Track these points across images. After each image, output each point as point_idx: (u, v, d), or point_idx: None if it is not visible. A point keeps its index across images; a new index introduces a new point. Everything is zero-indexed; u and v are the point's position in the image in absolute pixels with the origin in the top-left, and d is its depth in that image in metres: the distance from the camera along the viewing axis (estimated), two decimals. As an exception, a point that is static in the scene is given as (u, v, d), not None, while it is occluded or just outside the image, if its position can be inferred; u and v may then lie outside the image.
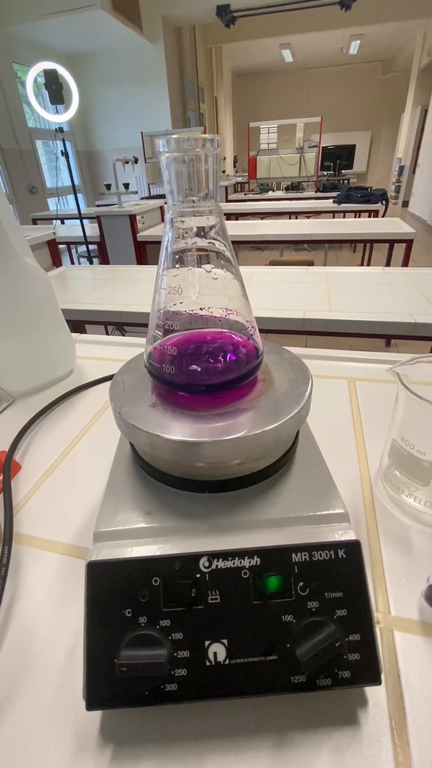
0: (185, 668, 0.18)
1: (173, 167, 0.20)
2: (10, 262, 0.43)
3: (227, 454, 0.21)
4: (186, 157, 0.19)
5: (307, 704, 0.20)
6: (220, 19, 4.72)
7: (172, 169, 0.20)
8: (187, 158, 0.19)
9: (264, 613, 0.19)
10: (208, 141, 0.19)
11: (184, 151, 0.19)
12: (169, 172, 0.20)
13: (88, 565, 0.20)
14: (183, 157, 0.19)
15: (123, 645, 0.18)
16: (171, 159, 0.19)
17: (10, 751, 0.19)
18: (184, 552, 0.20)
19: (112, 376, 0.51)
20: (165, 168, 0.20)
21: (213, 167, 0.20)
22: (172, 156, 0.19)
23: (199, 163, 0.19)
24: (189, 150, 0.19)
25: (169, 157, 0.19)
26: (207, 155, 0.19)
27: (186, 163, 0.19)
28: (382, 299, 1.13)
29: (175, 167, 0.20)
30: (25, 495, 0.34)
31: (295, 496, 0.23)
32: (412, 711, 0.20)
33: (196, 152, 0.19)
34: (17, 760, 0.19)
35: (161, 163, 0.20)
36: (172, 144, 0.19)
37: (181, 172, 0.20)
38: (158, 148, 0.19)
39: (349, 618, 0.19)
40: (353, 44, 6.89)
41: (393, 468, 0.31)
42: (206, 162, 0.20)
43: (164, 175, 0.20)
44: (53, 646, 0.23)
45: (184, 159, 0.19)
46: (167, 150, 0.19)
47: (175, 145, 0.19)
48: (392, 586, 0.25)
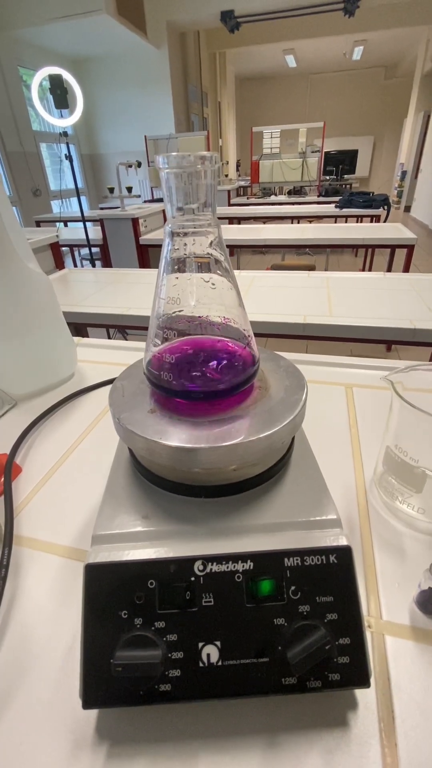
0: (179, 669, 0.19)
1: (173, 182, 0.20)
2: (12, 267, 0.43)
3: (223, 461, 0.22)
4: (185, 173, 0.20)
5: (298, 706, 0.20)
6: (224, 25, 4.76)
7: (172, 184, 0.20)
8: (186, 174, 0.20)
9: (256, 616, 0.20)
10: (207, 158, 0.20)
11: (184, 168, 0.20)
12: (169, 186, 0.20)
13: (86, 567, 0.20)
14: (182, 173, 0.20)
15: (119, 645, 0.19)
16: (171, 174, 0.20)
17: (7, 749, 0.20)
18: (180, 555, 0.20)
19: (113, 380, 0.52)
20: (165, 183, 0.20)
21: (211, 182, 0.21)
22: (172, 172, 0.20)
23: (198, 178, 0.20)
24: (188, 166, 0.20)
25: (169, 172, 0.20)
26: (205, 171, 0.20)
27: (185, 179, 0.20)
28: (382, 305, 1.13)
29: (174, 182, 0.20)
30: (25, 497, 0.35)
31: (289, 501, 0.23)
32: (401, 714, 0.20)
33: (195, 168, 0.20)
34: (14, 758, 0.19)
35: (161, 178, 0.20)
36: (172, 160, 0.19)
37: (180, 186, 0.20)
38: (158, 164, 0.20)
39: (340, 622, 0.19)
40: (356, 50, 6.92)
41: (387, 475, 0.31)
42: (205, 177, 0.20)
43: (164, 189, 0.21)
44: (51, 647, 0.24)
45: (183, 175, 0.20)
46: (167, 166, 0.20)
47: (175, 162, 0.19)
48: (384, 591, 0.26)
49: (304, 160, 4.91)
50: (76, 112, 2.15)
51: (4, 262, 0.42)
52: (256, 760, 0.19)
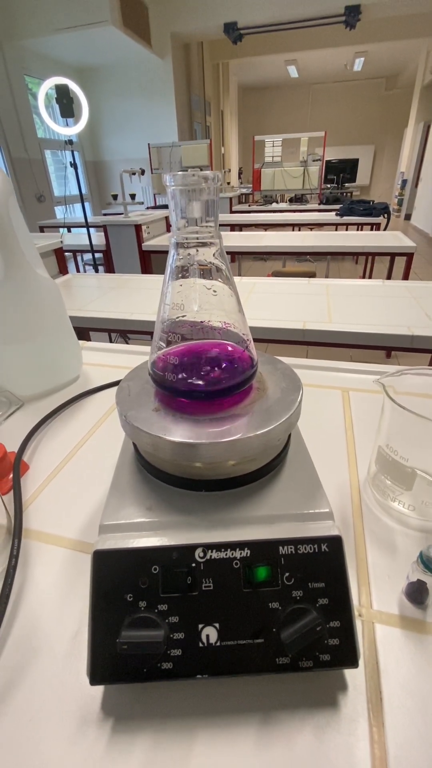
0: (180, 648, 0.20)
1: (178, 198, 0.22)
2: (23, 274, 0.45)
3: (222, 456, 0.23)
4: (190, 190, 0.22)
5: (291, 686, 0.22)
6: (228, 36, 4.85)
7: (178, 200, 0.22)
8: (191, 191, 0.22)
9: (253, 600, 0.21)
10: (210, 177, 0.21)
11: (188, 185, 0.21)
12: (174, 202, 0.22)
13: (94, 553, 0.22)
14: (187, 190, 0.22)
15: (124, 626, 0.20)
16: (177, 191, 0.22)
17: (19, 725, 0.21)
18: (181, 543, 0.22)
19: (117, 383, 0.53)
20: (171, 198, 0.22)
21: (213, 198, 0.22)
22: (178, 189, 0.22)
23: (201, 195, 0.22)
24: (192, 184, 0.21)
25: (175, 189, 0.22)
26: (208, 188, 0.22)
27: (190, 195, 0.22)
28: (381, 312, 1.15)
29: (180, 198, 0.22)
30: (32, 493, 0.36)
31: (285, 495, 0.25)
32: (389, 695, 0.21)
33: (199, 186, 0.21)
34: (25, 733, 0.21)
35: (168, 194, 0.22)
36: (178, 179, 0.21)
37: (185, 202, 0.22)
38: (165, 182, 0.21)
39: (330, 606, 0.21)
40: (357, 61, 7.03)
41: (380, 474, 0.33)
42: (207, 194, 0.22)
43: (170, 204, 0.22)
44: (59, 631, 0.25)
45: (188, 191, 0.22)
46: (173, 183, 0.21)
47: (180, 180, 0.21)
48: (375, 583, 0.27)
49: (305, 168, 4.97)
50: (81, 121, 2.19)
51: (15, 269, 0.44)
52: (251, 736, 0.20)
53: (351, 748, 0.20)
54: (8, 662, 0.23)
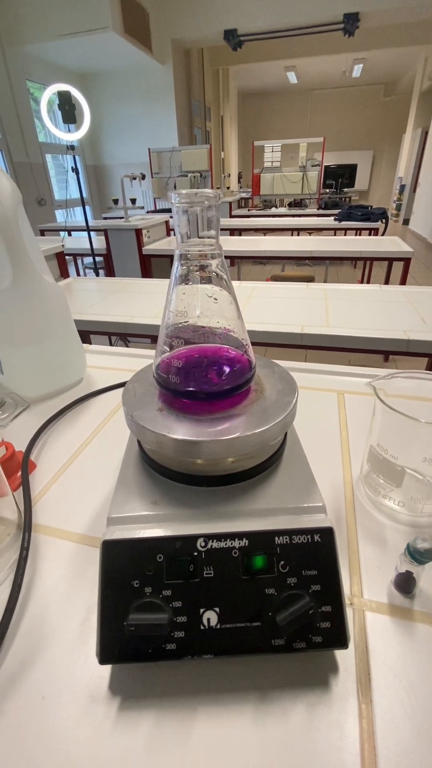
0: (183, 631, 0.22)
1: (183, 214, 0.24)
2: (31, 280, 0.47)
3: (222, 453, 0.25)
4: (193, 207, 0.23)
5: (287, 668, 0.23)
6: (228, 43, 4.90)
7: (182, 216, 0.24)
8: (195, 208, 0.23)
9: (250, 587, 0.23)
10: (212, 196, 0.23)
11: (193, 203, 0.23)
12: (179, 217, 0.24)
13: (103, 543, 0.23)
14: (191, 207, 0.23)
15: (131, 610, 0.22)
16: (182, 208, 0.23)
17: (32, 701, 0.22)
18: (184, 533, 0.23)
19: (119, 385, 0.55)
20: (176, 214, 0.24)
21: (215, 214, 0.24)
22: (183, 206, 0.23)
23: (204, 211, 0.24)
24: (196, 202, 0.23)
25: (180, 206, 0.23)
26: (211, 206, 0.24)
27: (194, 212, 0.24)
28: (378, 316, 1.17)
29: (184, 214, 0.24)
30: (40, 491, 0.38)
31: (281, 490, 0.27)
32: (377, 676, 0.23)
33: (202, 204, 0.23)
34: (38, 710, 0.22)
35: (173, 211, 0.24)
36: (183, 197, 0.23)
37: (189, 218, 0.24)
38: (171, 199, 0.23)
39: (322, 592, 0.23)
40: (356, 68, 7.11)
41: (372, 472, 0.34)
42: (210, 210, 0.24)
43: (175, 220, 0.24)
44: (67, 618, 0.27)
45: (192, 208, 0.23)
46: (179, 201, 0.23)
47: (185, 198, 0.23)
48: (366, 574, 0.29)
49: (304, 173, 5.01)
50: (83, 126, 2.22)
51: (23, 275, 0.46)
52: (248, 713, 0.22)
53: (341, 723, 0.21)
54: (21, 645, 0.25)
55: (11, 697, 0.23)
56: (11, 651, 0.25)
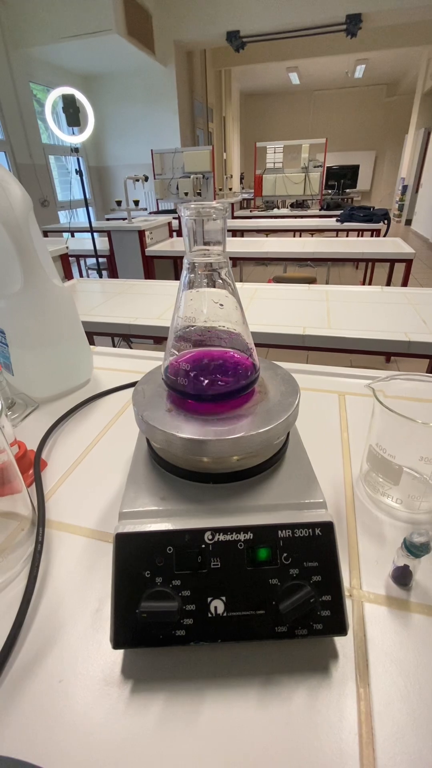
0: (192, 618, 0.23)
1: (191, 225, 0.25)
2: (41, 284, 0.49)
3: (228, 451, 0.26)
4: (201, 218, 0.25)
5: (289, 654, 0.25)
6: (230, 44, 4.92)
7: (191, 227, 0.25)
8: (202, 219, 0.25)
9: (255, 577, 0.24)
10: (219, 208, 0.25)
11: (200, 215, 0.25)
12: (188, 228, 0.25)
13: (116, 536, 0.25)
14: (200, 219, 0.25)
15: (143, 598, 0.23)
16: (190, 220, 0.25)
17: (50, 684, 0.24)
18: (192, 527, 0.25)
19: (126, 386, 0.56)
20: (185, 226, 0.25)
21: (222, 226, 0.26)
22: (192, 218, 0.25)
23: (212, 223, 0.25)
24: (204, 214, 0.25)
25: (189, 218, 0.25)
26: (218, 217, 0.25)
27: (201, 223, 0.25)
28: (379, 317, 1.18)
29: (193, 225, 0.25)
30: (51, 488, 0.39)
31: (283, 487, 0.28)
32: (374, 662, 0.24)
33: (210, 216, 0.25)
34: (56, 691, 0.24)
35: (181, 222, 0.25)
36: (191, 209, 0.24)
37: (197, 228, 0.25)
38: (180, 212, 0.25)
39: (323, 582, 0.24)
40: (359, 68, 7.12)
41: (371, 471, 0.36)
42: (217, 221, 0.25)
43: (184, 231, 0.26)
44: (81, 608, 0.28)
45: (199, 220, 0.25)
46: (188, 214, 0.25)
47: (193, 210, 0.24)
48: (365, 567, 0.30)
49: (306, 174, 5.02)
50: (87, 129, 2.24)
51: (33, 280, 0.47)
52: (253, 695, 0.23)
53: (341, 705, 0.22)
54: (38, 633, 0.26)
55: (30, 680, 0.24)
56: (29, 638, 0.26)
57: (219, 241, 0.26)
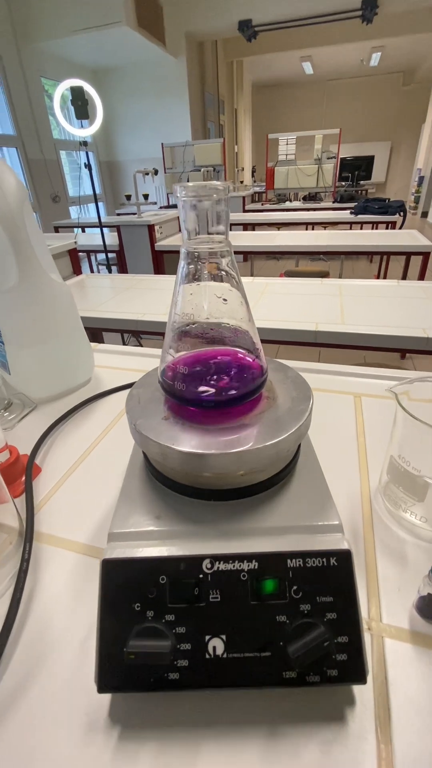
0: (187, 659, 0.20)
1: (190, 209, 0.22)
2: (37, 279, 0.46)
3: (231, 467, 0.23)
4: (201, 201, 0.22)
5: (298, 700, 0.22)
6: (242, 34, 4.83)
7: (189, 211, 0.22)
8: (202, 202, 0.22)
9: (260, 613, 0.21)
10: (221, 188, 0.21)
11: (200, 197, 0.21)
12: (186, 213, 0.22)
13: (103, 562, 0.22)
14: (199, 202, 0.22)
15: (132, 635, 0.20)
16: (188, 203, 0.22)
17: (27, 729, 0.21)
18: (189, 554, 0.22)
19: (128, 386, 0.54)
20: (182, 209, 0.22)
21: (224, 209, 0.22)
22: (189, 201, 0.22)
23: (213, 205, 0.22)
24: (204, 196, 0.21)
25: (187, 201, 0.22)
26: (220, 200, 0.22)
27: (201, 207, 0.22)
28: (395, 313, 1.13)
29: (191, 209, 0.22)
30: (44, 496, 0.37)
31: (294, 506, 0.25)
32: (397, 712, 0.21)
33: (210, 198, 0.21)
34: (34, 736, 0.21)
35: (179, 206, 0.22)
36: (189, 190, 0.21)
37: (196, 214, 0.22)
38: (176, 193, 0.21)
39: (338, 621, 0.21)
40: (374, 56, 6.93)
41: (391, 484, 0.32)
42: (219, 205, 0.22)
43: (181, 215, 0.22)
44: (68, 637, 0.25)
45: (200, 203, 0.22)
46: (185, 195, 0.21)
47: (192, 192, 0.21)
48: (385, 595, 0.27)
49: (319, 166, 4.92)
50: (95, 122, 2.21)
51: (29, 274, 0.45)
52: (256, 750, 0.20)
53: (358, 766, 0.19)
54: (18, 665, 0.24)
55: (5, 722, 0.21)
56: (8, 670, 0.24)
57: (221, 226, 0.23)
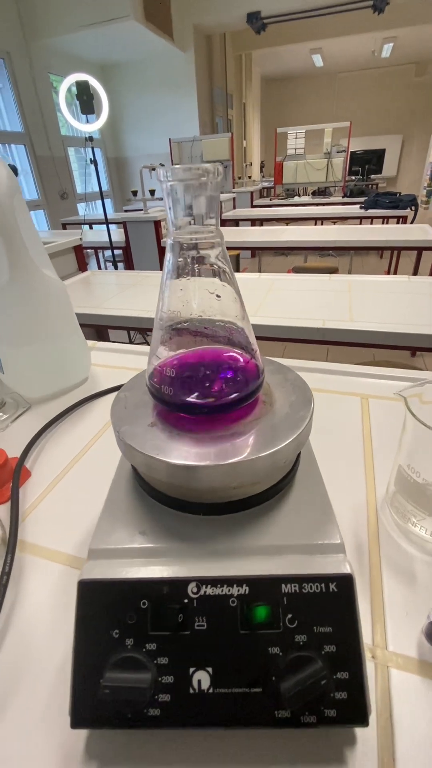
0: (169, 694, 0.18)
1: (175, 195, 0.20)
2: (29, 274, 0.44)
3: (222, 479, 0.21)
4: (188, 185, 0.19)
5: (293, 740, 0.20)
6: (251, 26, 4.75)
7: (175, 197, 0.20)
8: (189, 186, 0.19)
9: (250, 644, 0.19)
10: (210, 171, 0.19)
11: (186, 180, 0.19)
12: (171, 199, 0.20)
13: (79, 583, 0.20)
14: (185, 186, 0.19)
15: (108, 666, 0.18)
16: (174, 187, 0.19)
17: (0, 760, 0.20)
18: (174, 576, 0.20)
19: (124, 386, 0.52)
20: (167, 195, 0.20)
21: (214, 194, 0.20)
22: (175, 184, 0.19)
23: (201, 190, 0.20)
24: (191, 179, 0.19)
25: (172, 185, 0.19)
26: (209, 183, 0.20)
27: (188, 192, 0.20)
28: (406, 309, 1.10)
29: (177, 195, 0.20)
30: (33, 502, 0.35)
31: (291, 522, 0.23)
32: (402, 756, 0.19)
33: (198, 181, 0.19)
34: (5, 771, 0.19)
35: (163, 190, 0.20)
36: (175, 173, 0.19)
37: (182, 199, 0.20)
38: (160, 176, 0.19)
39: (338, 655, 0.19)
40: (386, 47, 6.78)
41: (399, 495, 0.30)
42: (208, 190, 0.20)
43: (166, 202, 0.20)
44: (47, 658, 0.24)
45: (186, 187, 0.19)
46: (169, 179, 0.19)
47: (178, 174, 0.19)
48: (391, 619, 0.25)
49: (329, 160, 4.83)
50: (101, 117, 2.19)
51: (21, 270, 0.43)
52: (246, 794, 0.18)
53: None
54: (-7, 690, 0.22)
55: (-25, 756, 0.20)
56: (-18, 696, 0.22)
57: (211, 214, 0.20)
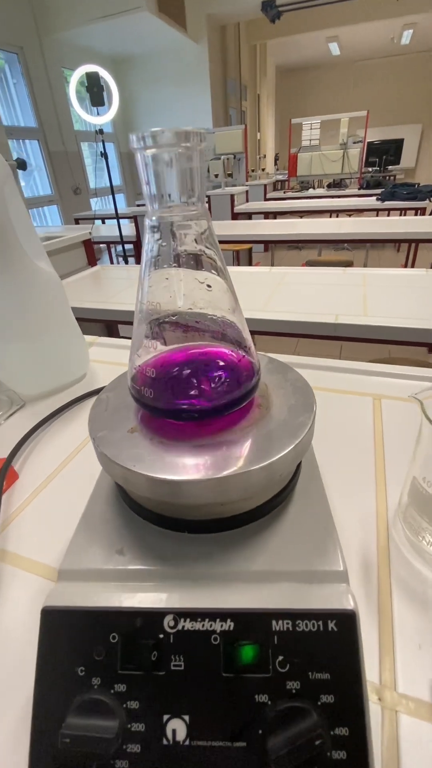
0: (138, 745, 0.16)
1: (152, 166, 0.17)
2: (20, 266, 0.42)
3: (208, 496, 0.18)
4: (167, 154, 0.17)
5: (285, 797, 0.17)
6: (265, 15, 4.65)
7: (151, 169, 0.17)
8: (167, 155, 0.17)
9: (234, 689, 0.16)
10: (192, 134, 0.16)
11: (164, 147, 0.16)
12: (146, 172, 0.17)
13: (43, 611, 0.18)
14: (163, 155, 0.17)
15: (71, 709, 0.16)
16: (149, 157, 0.17)
17: None
18: (149, 607, 0.17)
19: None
20: (142, 168, 0.17)
21: (198, 165, 0.17)
22: (150, 153, 0.17)
23: (182, 161, 0.17)
24: (169, 146, 0.16)
25: (147, 154, 0.17)
26: (191, 152, 0.17)
27: (167, 162, 0.17)
28: (423, 304, 1.05)
29: (153, 166, 0.17)
30: (18, 507, 0.33)
31: (287, 544, 0.20)
32: None
33: (177, 149, 0.16)
34: None
35: (137, 162, 0.17)
36: (148, 139, 0.16)
37: (161, 171, 0.17)
38: (132, 144, 0.16)
39: (337, 706, 0.16)
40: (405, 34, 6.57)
41: (412, 508, 0.27)
42: (190, 160, 0.17)
43: (141, 175, 0.18)
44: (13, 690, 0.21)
45: (164, 156, 0.17)
46: (143, 146, 0.16)
47: (152, 141, 0.16)
48: (402, 653, 0.22)
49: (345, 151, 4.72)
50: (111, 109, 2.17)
51: (12, 262, 0.41)
52: None
53: None
54: None
55: None
56: None
57: (194, 189, 0.18)
